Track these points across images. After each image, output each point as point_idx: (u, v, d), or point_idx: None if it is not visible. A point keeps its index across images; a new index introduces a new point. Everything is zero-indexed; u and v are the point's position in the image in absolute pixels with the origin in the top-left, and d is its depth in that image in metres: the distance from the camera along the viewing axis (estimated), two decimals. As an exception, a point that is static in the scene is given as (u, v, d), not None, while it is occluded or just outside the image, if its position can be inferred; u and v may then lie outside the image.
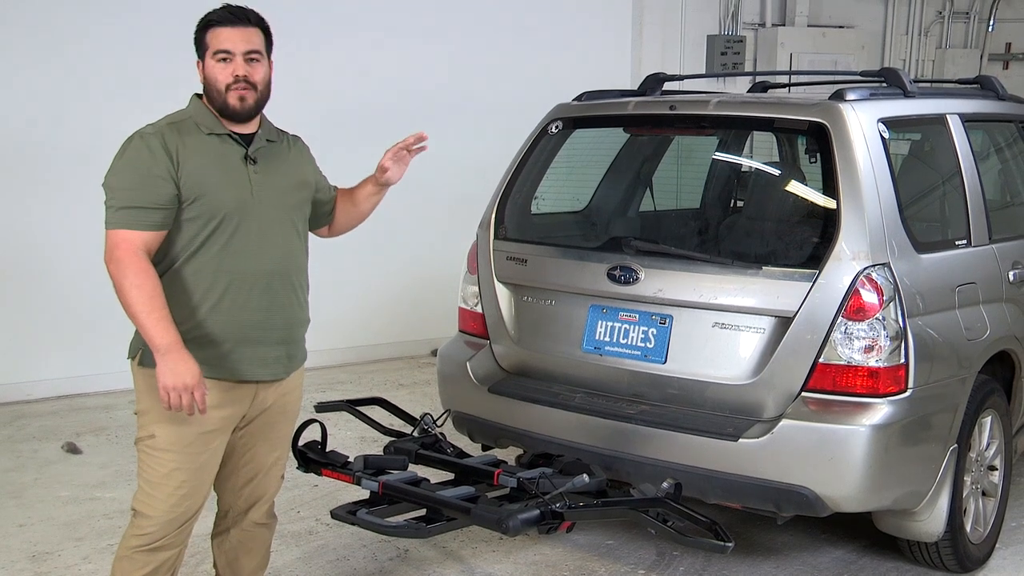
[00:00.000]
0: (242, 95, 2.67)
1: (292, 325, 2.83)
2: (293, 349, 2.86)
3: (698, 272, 3.53)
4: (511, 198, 4.09)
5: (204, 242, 2.65)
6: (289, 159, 2.87)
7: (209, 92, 2.71)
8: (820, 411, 3.28)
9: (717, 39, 8.16)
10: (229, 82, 2.66)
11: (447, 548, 3.93)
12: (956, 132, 3.91)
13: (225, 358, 2.69)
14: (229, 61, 2.66)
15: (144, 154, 2.60)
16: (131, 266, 2.54)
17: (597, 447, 3.52)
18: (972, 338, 3.60)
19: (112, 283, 2.59)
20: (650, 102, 4.08)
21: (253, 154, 2.74)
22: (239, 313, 2.69)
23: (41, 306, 5.79)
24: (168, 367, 2.53)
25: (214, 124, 2.71)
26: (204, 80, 2.71)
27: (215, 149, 2.69)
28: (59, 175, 5.71)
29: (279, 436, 2.94)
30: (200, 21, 2.72)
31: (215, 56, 2.67)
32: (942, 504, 3.47)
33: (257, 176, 2.72)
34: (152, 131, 2.66)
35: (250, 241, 2.69)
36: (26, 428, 5.33)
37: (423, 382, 6.24)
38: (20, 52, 5.60)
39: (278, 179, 2.78)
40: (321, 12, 6.43)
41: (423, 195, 6.86)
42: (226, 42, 2.66)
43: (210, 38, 2.68)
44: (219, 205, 2.65)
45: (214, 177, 2.65)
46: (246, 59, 2.68)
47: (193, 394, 2.55)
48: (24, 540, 3.97)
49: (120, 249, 2.56)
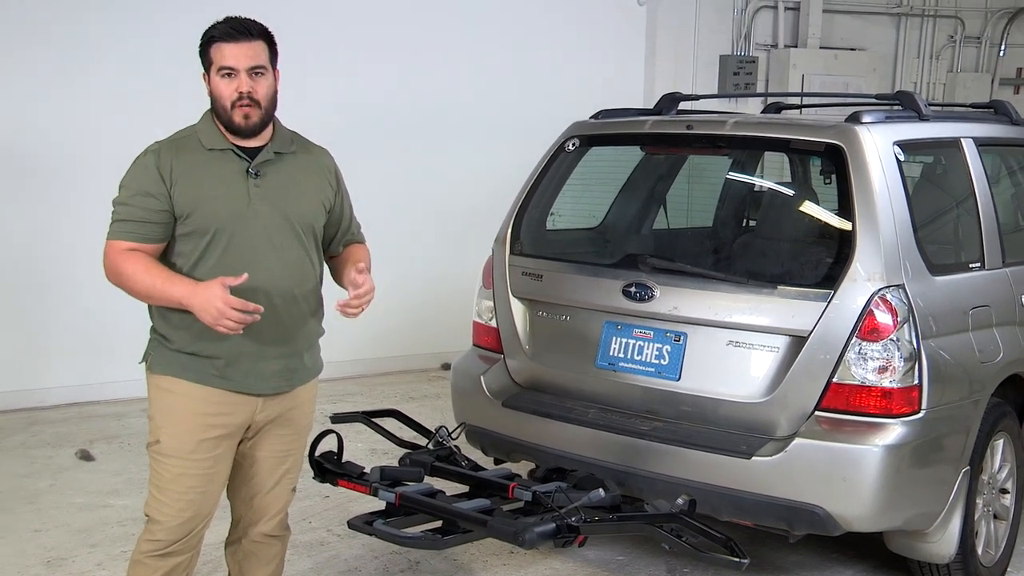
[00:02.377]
0: (247, 113, 2.67)
1: (295, 339, 2.80)
2: (296, 362, 2.83)
3: (713, 290, 3.56)
4: (527, 214, 4.12)
5: (200, 257, 2.68)
6: (303, 170, 2.83)
7: (216, 107, 2.71)
8: (833, 430, 3.30)
9: (730, 59, 8.21)
10: (234, 99, 2.66)
11: (458, 561, 3.94)
12: (971, 156, 3.94)
13: (223, 371, 2.71)
14: (233, 77, 2.66)
15: (139, 170, 2.68)
16: (118, 258, 2.64)
17: (610, 462, 3.53)
18: (985, 360, 3.61)
19: (120, 288, 2.67)
20: (667, 121, 4.12)
21: (256, 168, 2.72)
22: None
23: (55, 314, 5.83)
24: (199, 308, 2.55)
25: (217, 139, 2.71)
26: (210, 95, 2.72)
27: (213, 165, 2.70)
28: (70, 185, 5.75)
29: (286, 449, 2.93)
30: (204, 35, 2.70)
31: (219, 72, 2.66)
32: (954, 526, 3.48)
33: (258, 190, 2.71)
34: (154, 148, 2.71)
35: (245, 255, 2.68)
36: (40, 435, 5.37)
37: (433, 395, 6.26)
38: (33, 65, 5.66)
39: (284, 191, 2.76)
40: (338, 27, 6.49)
41: (439, 209, 6.92)
42: (229, 58, 2.65)
43: (214, 53, 2.67)
44: (211, 220, 2.66)
45: (207, 192, 2.67)
46: (250, 74, 2.67)
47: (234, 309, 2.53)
48: (39, 546, 4.00)
49: (109, 256, 2.66)
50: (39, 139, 5.73)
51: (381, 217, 6.73)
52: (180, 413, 2.71)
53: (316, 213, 2.86)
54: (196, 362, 2.69)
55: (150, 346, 2.78)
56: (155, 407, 2.76)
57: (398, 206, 6.78)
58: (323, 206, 2.88)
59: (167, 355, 2.73)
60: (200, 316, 2.56)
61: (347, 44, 6.54)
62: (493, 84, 7.03)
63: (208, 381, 2.70)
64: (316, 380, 2.97)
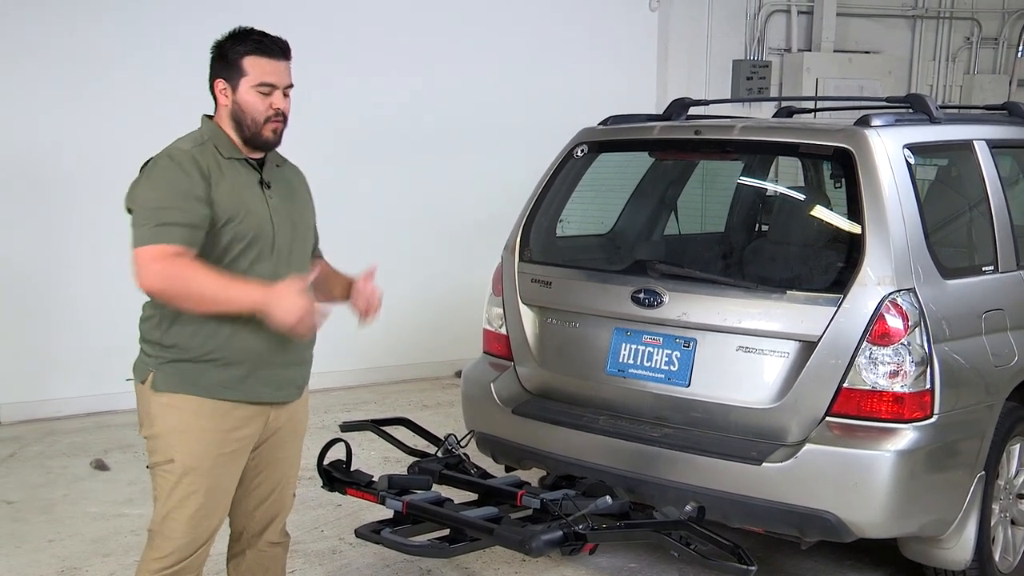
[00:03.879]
0: (276, 127, 2.67)
1: (306, 347, 2.84)
2: (307, 370, 2.88)
3: (722, 296, 3.54)
4: (536, 221, 4.12)
5: (230, 264, 2.63)
6: (295, 184, 2.89)
7: (241, 120, 2.66)
8: (844, 436, 3.27)
9: (743, 64, 8.18)
10: (269, 115, 2.65)
11: (469, 568, 3.93)
12: (983, 158, 3.90)
13: (243, 380, 2.68)
14: (270, 94, 2.65)
15: (177, 174, 2.57)
16: (174, 266, 2.48)
17: (620, 469, 3.52)
18: (1000, 364, 3.57)
19: (161, 296, 2.53)
20: (675, 127, 4.11)
21: (267, 179, 2.74)
22: (260, 336, 2.66)
23: (70, 325, 5.87)
24: (282, 312, 2.47)
25: (231, 149, 2.70)
26: (236, 107, 2.66)
27: (237, 173, 2.69)
28: (84, 196, 5.78)
29: (290, 455, 2.94)
30: (234, 42, 2.65)
31: (257, 86, 2.64)
32: (969, 532, 3.44)
33: (273, 200, 2.73)
34: (184, 150, 2.63)
35: (270, 264, 2.69)
36: (56, 444, 5.41)
37: (447, 403, 6.26)
38: (35, 80, 5.69)
39: (290, 203, 2.80)
40: (351, 38, 6.52)
41: (448, 216, 6.94)
42: (272, 75, 2.64)
43: (250, 65, 2.63)
44: (247, 228, 2.65)
45: (242, 200, 2.65)
46: (284, 93, 2.68)
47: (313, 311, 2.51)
48: (53, 555, 4.02)
49: (157, 262, 2.50)
50: (50, 156, 5.76)
51: (395, 225, 6.84)
52: (195, 431, 2.65)
53: (312, 224, 2.92)
54: (210, 373, 2.64)
55: (150, 363, 2.68)
56: (163, 426, 2.68)
57: (411, 213, 6.80)
58: (313, 218, 2.94)
59: (176, 369, 2.65)
60: (280, 316, 2.47)
61: (359, 55, 6.57)
62: (505, 92, 7.04)
63: (220, 394, 2.66)
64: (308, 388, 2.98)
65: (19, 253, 5.77)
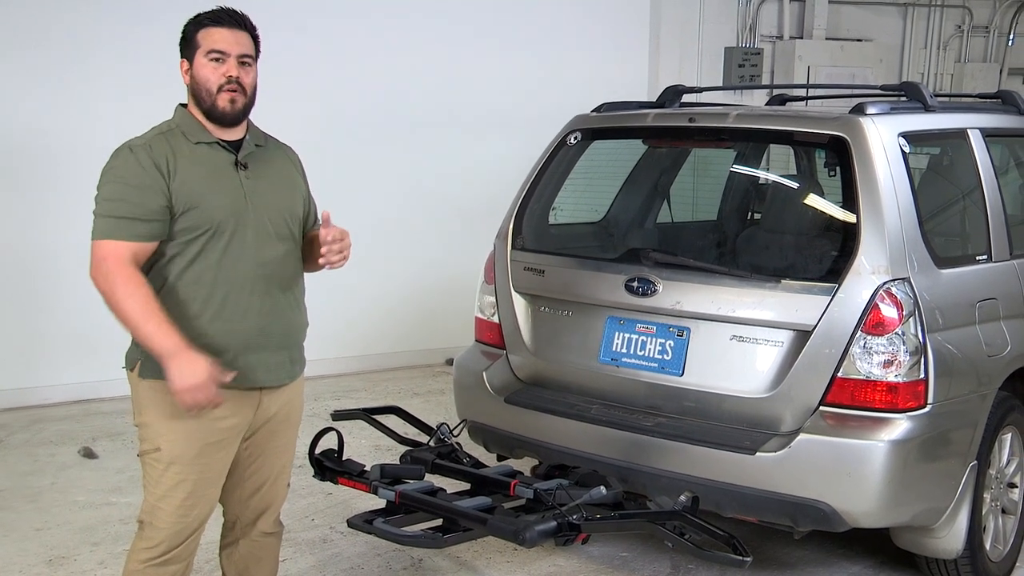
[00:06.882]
0: (232, 97, 2.64)
1: (293, 330, 2.82)
2: (295, 353, 2.85)
3: (716, 285, 3.52)
4: (529, 209, 4.09)
5: (200, 252, 2.62)
6: (279, 163, 2.84)
7: (197, 93, 2.65)
8: (838, 426, 3.27)
9: (735, 51, 8.15)
10: (221, 83, 2.62)
11: (461, 558, 3.92)
12: (977, 146, 3.89)
13: (229, 367, 2.64)
14: (222, 62, 2.62)
15: (132, 166, 2.57)
16: (120, 276, 2.51)
17: (613, 459, 3.51)
18: (992, 354, 3.57)
19: (101, 295, 2.54)
20: (669, 114, 4.08)
21: (243, 159, 2.71)
22: (240, 320, 2.66)
23: (58, 312, 5.82)
24: (178, 370, 2.48)
25: (201, 133, 2.67)
26: (192, 81, 2.66)
27: (205, 157, 2.66)
28: (70, 181, 5.71)
29: (284, 444, 2.91)
30: (191, 20, 2.66)
31: (208, 55, 2.62)
32: (961, 521, 3.44)
33: (249, 181, 2.70)
34: (141, 143, 2.63)
35: (247, 247, 2.66)
36: (43, 432, 5.36)
37: (438, 391, 6.24)
38: (16, 64, 5.63)
39: (270, 183, 2.76)
40: (343, 20, 6.46)
41: (440, 204, 6.91)
42: (221, 42, 2.62)
43: (202, 37, 2.62)
44: (213, 214, 2.62)
45: (206, 186, 2.63)
46: (239, 62, 2.65)
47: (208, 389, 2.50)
48: (41, 544, 3.99)
49: (108, 261, 2.53)
50: (37, 142, 5.69)
51: (387, 212, 6.80)
52: (180, 419, 2.62)
53: (299, 205, 2.85)
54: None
55: (137, 351, 2.66)
56: (150, 413, 2.67)
57: (403, 201, 6.77)
58: (302, 198, 2.88)
59: None
60: (174, 378, 2.48)
61: (350, 42, 6.51)
62: (498, 79, 7.00)
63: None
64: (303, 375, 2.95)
65: (4, 240, 5.71)
